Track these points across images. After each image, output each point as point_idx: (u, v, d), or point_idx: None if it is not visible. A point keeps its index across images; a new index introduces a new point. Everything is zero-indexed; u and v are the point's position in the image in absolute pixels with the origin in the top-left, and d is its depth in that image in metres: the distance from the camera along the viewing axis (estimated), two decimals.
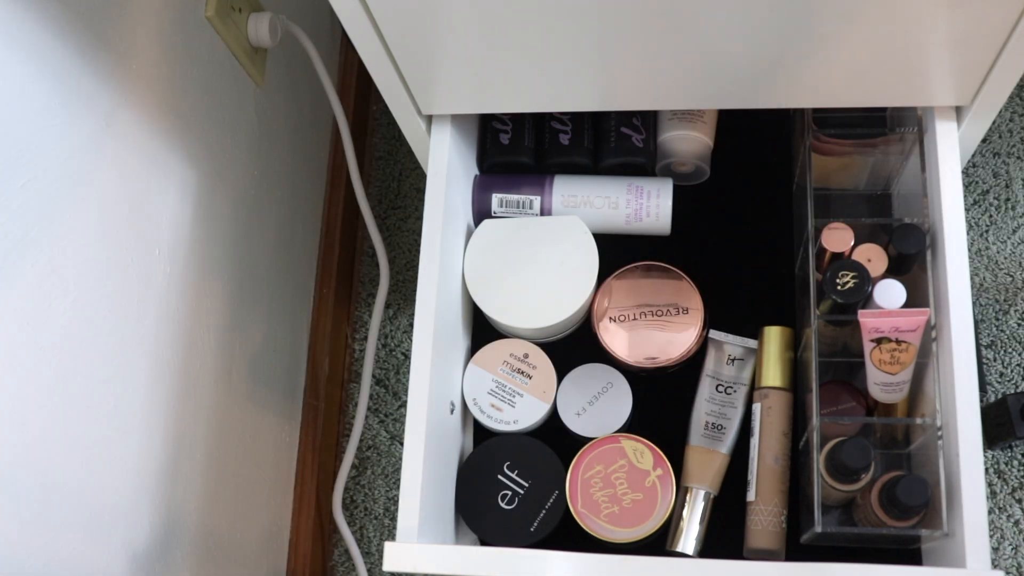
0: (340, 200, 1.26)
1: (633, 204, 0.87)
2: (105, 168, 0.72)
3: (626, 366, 0.85)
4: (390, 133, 1.34)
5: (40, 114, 0.64)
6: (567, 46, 0.67)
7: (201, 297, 0.89)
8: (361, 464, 1.22)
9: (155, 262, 0.81)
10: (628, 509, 0.79)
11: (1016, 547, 1.06)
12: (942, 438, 0.72)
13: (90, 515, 0.73)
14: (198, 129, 0.86)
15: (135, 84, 0.75)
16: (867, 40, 0.65)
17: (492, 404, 0.84)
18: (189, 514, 0.89)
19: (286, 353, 1.13)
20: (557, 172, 0.90)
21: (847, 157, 0.85)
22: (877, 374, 0.76)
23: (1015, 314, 1.14)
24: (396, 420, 1.23)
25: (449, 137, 0.81)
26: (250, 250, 1.00)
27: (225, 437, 0.96)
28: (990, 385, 1.12)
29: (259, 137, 1.00)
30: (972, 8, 0.61)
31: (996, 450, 1.09)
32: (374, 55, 0.69)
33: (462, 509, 0.81)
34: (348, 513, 1.21)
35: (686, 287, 0.85)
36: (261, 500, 1.06)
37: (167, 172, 0.82)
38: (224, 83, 0.91)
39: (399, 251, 1.29)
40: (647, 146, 0.89)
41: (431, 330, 0.76)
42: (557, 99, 0.75)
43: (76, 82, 0.68)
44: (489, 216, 0.89)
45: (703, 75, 0.70)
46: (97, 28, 0.70)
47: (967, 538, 0.67)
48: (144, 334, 0.79)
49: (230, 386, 0.97)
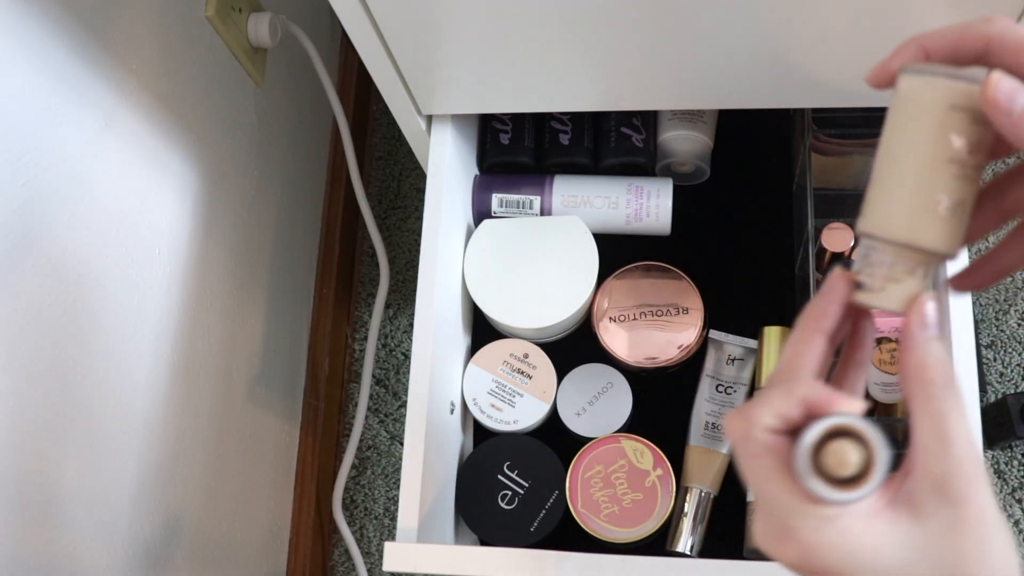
0: (340, 200, 1.26)
1: (633, 204, 0.87)
2: (105, 168, 0.72)
3: (626, 366, 0.85)
4: (390, 133, 1.34)
5: (40, 114, 0.64)
6: (567, 46, 0.68)
7: (201, 297, 0.89)
8: (361, 464, 1.22)
9: (155, 262, 0.81)
10: (628, 509, 0.79)
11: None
12: None
13: (90, 515, 0.73)
14: (198, 129, 0.86)
15: (135, 84, 0.75)
16: (867, 39, 0.65)
17: (492, 404, 0.84)
18: (189, 514, 0.89)
19: (286, 353, 1.13)
20: (557, 172, 0.90)
21: (847, 157, 0.85)
22: (877, 374, 0.76)
23: (1015, 314, 1.14)
24: (396, 420, 1.23)
25: (449, 137, 0.81)
26: (250, 250, 1.00)
27: (225, 437, 0.96)
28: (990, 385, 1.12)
29: (259, 137, 1.00)
30: (972, 8, 0.61)
31: (996, 450, 1.09)
32: (374, 55, 0.69)
33: (462, 509, 0.81)
34: (348, 513, 1.21)
35: (686, 287, 0.85)
36: (261, 500, 1.06)
37: (167, 172, 0.82)
38: (224, 83, 0.91)
39: (399, 251, 1.29)
40: (647, 146, 0.89)
41: (431, 330, 0.76)
42: (557, 99, 0.75)
43: (76, 82, 0.68)
44: (489, 216, 0.89)
45: (703, 75, 0.70)
46: (97, 28, 0.70)
47: None
48: (144, 334, 0.79)
49: (230, 386, 0.97)
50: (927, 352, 0.39)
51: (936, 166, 0.39)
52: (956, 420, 0.38)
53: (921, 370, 0.39)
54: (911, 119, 0.40)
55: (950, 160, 0.39)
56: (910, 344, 0.39)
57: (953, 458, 0.37)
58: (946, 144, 0.39)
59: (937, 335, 0.39)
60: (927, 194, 0.39)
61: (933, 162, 0.39)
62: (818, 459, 0.39)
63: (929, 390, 0.38)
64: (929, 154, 0.39)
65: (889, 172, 0.40)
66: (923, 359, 0.39)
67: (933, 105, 0.39)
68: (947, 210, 0.39)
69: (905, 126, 0.40)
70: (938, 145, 0.39)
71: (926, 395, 0.38)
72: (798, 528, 0.39)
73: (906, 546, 0.38)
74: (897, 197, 0.40)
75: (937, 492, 0.38)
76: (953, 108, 0.39)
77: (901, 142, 0.40)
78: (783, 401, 0.40)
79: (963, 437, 0.38)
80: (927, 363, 0.39)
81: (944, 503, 0.37)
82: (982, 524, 0.37)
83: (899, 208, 0.40)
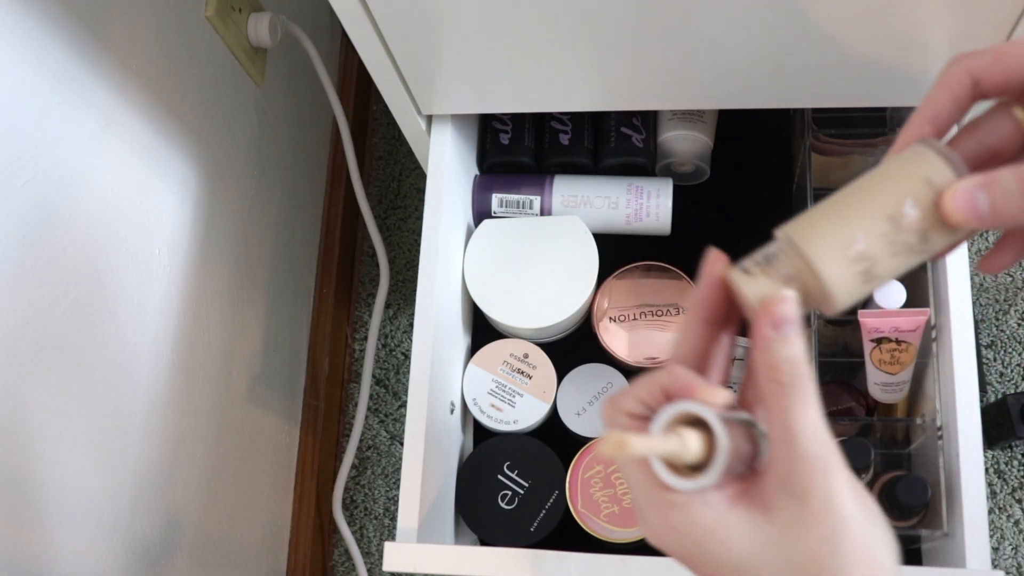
0: (340, 200, 1.26)
1: (633, 204, 0.87)
2: (105, 168, 0.72)
3: (626, 366, 0.85)
4: (390, 133, 1.34)
5: (40, 114, 0.64)
6: (567, 46, 0.68)
7: (201, 297, 0.89)
8: (361, 464, 1.22)
9: (155, 262, 0.81)
10: (628, 509, 0.79)
11: (1016, 547, 1.06)
12: (942, 438, 0.72)
13: (90, 515, 0.73)
14: (198, 129, 0.86)
15: (135, 84, 0.75)
16: (867, 40, 0.65)
17: (492, 404, 0.84)
18: (189, 513, 0.89)
19: (286, 353, 1.13)
20: (557, 172, 0.90)
21: (847, 157, 0.85)
22: (877, 374, 0.76)
23: (1015, 314, 1.14)
24: (396, 420, 1.23)
25: (449, 137, 0.81)
26: (250, 250, 1.00)
27: (225, 437, 0.96)
28: (990, 385, 1.12)
29: (259, 137, 1.00)
30: (972, 8, 0.61)
31: (996, 450, 1.09)
32: (374, 55, 0.69)
33: (462, 509, 0.81)
34: (348, 513, 1.21)
35: (686, 287, 0.85)
36: (261, 500, 1.07)
37: (167, 172, 0.82)
38: (224, 83, 0.91)
39: (399, 251, 1.29)
40: (647, 146, 0.89)
41: (431, 330, 0.76)
42: (557, 99, 0.75)
43: (76, 82, 0.68)
44: (489, 216, 0.89)
45: (703, 75, 0.70)
46: (97, 28, 0.70)
47: (967, 538, 0.67)
48: (144, 333, 0.79)
49: (230, 386, 0.97)
50: (773, 352, 0.39)
51: (874, 213, 0.40)
52: (800, 416, 0.38)
53: (767, 369, 0.39)
54: (893, 169, 0.40)
55: (890, 217, 0.39)
56: (760, 343, 0.39)
57: (796, 454, 0.38)
58: (897, 203, 0.39)
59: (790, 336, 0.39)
60: (849, 231, 0.40)
61: (875, 209, 0.40)
62: None
63: (775, 388, 0.38)
64: (877, 201, 0.40)
65: (838, 198, 0.41)
66: (770, 359, 0.39)
67: (915, 168, 0.40)
68: (856, 255, 0.39)
69: (883, 173, 0.41)
70: (890, 198, 0.39)
71: (772, 393, 0.39)
72: (648, 511, 0.40)
73: (757, 541, 0.38)
74: (826, 217, 0.41)
75: (783, 488, 0.38)
76: (927, 182, 0.39)
77: (868, 182, 0.40)
78: (644, 387, 0.41)
79: (807, 433, 0.38)
80: (772, 362, 0.39)
81: (790, 498, 0.38)
82: (829, 517, 0.37)
83: (820, 225, 0.40)
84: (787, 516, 0.38)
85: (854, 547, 0.37)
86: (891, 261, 0.40)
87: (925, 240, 0.40)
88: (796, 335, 0.39)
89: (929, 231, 0.39)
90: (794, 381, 0.38)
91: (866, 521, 0.38)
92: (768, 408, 0.39)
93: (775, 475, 0.38)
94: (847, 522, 0.37)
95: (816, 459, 0.37)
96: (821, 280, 0.40)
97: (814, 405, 0.38)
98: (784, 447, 0.38)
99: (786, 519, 0.38)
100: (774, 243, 0.42)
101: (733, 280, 0.41)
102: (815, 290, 0.40)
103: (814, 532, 0.37)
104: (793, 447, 0.38)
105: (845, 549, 0.37)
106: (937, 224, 0.39)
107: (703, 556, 0.39)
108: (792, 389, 0.38)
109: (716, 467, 0.39)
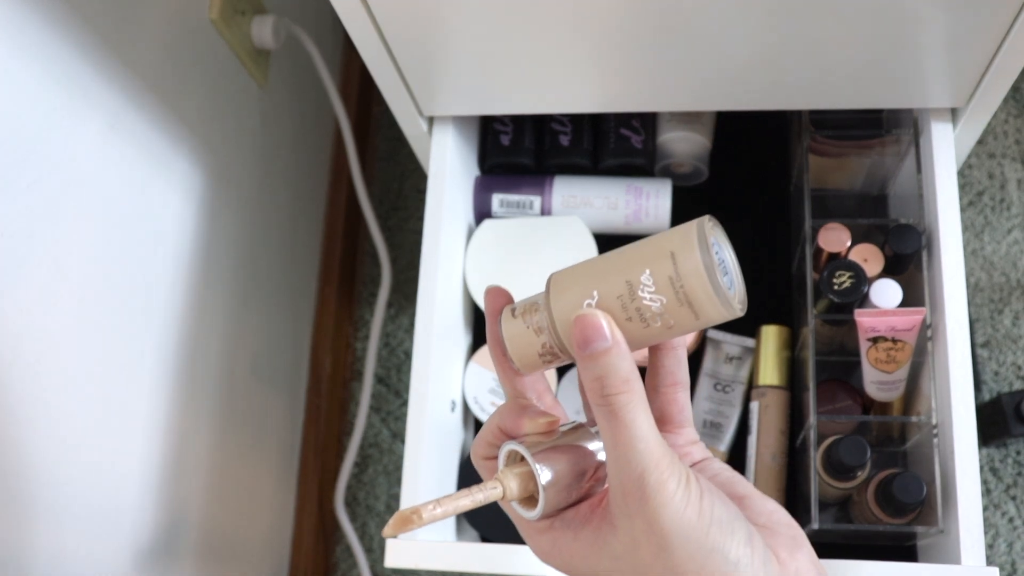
0: (342, 200, 1.26)
1: (632, 204, 0.88)
2: (110, 169, 0.73)
3: None
4: (392, 134, 1.34)
5: (46, 115, 0.65)
6: (567, 49, 0.68)
7: (205, 296, 0.89)
8: (363, 462, 1.23)
9: (159, 262, 0.81)
10: None
11: (1011, 544, 1.07)
12: (938, 436, 0.72)
13: (95, 513, 0.73)
14: (202, 130, 0.87)
15: (140, 86, 0.76)
16: (864, 42, 0.66)
17: (493, 402, 0.84)
18: (193, 512, 0.90)
19: (288, 352, 1.13)
20: (557, 173, 0.91)
21: (844, 158, 0.85)
22: (873, 373, 0.77)
23: (1010, 313, 1.14)
24: (398, 418, 1.24)
25: (450, 138, 0.82)
26: (253, 250, 1.01)
27: (228, 435, 0.97)
28: (985, 384, 1.12)
29: (262, 138, 1.01)
30: (968, 10, 0.62)
31: (991, 448, 1.10)
32: (376, 57, 0.70)
33: None
34: (350, 510, 1.21)
35: None
36: (264, 497, 1.07)
37: (171, 173, 0.82)
38: (228, 85, 0.92)
39: (400, 251, 1.30)
40: (646, 147, 0.90)
41: (432, 329, 0.77)
42: (557, 101, 0.76)
43: (81, 84, 0.68)
44: (489, 216, 0.90)
45: (702, 77, 0.71)
46: (102, 30, 0.70)
47: (962, 535, 0.67)
48: (148, 333, 0.80)
49: (233, 384, 0.98)
50: (587, 371, 0.39)
51: (617, 272, 0.39)
52: (621, 436, 0.38)
53: (587, 392, 0.39)
54: (658, 238, 0.40)
55: (628, 282, 0.39)
56: (579, 364, 0.39)
57: (623, 475, 0.38)
58: (638, 271, 0.39)
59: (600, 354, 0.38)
60: (589, 286, 0.40)
61: (617, 269, 0.39)
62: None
63: (597, 410, 0.39)
64: (623, 263, 0.39)
65: (608, 254, 0.41)
66: (585, 380, 0.39)
67: (668, 244, 0.39)
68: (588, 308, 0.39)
69: (652, 238, 0.40)
70: (634, 265, 0.39)
71: (597, 415, 0.39)
72: (526, 537, 0.43)
73: (607, 555, 0.40)
74: (585, 270, 0.41)
75: (617, 508, 0.39)
76: (672, 258, 0.39)
77: (635, 245, 0.40)
78: (488, 430, 0.44)
79: (631, 454, 0.38)
80: (588, 383, 0.39)
81: (623, 517, 0.38)
82: (654, 536, 0.37)
83: (576, 275, 0.41)
84: (624, 533, 0.39)
85: (691, 555, 0.37)
86: (625, 326, 0.39)
87: (660, 314, 0.39)
88: (607, 352, 0.38)
89: (667, 306, 0.39)
90: (610, 400, 0.38)
91: (709, 527, 0.37)
92: (600, 428, 0.39)
93: (612, 494, 0.39)
94: (671, 539, 0.37)
95: (640, 480, 0.37)
96: (553, 335, 0.40)
97: (639, 419, 0.38)
98: (612, 468, 0.39)
99: (624, 536, 0.39)
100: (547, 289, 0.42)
101: (503, 317, 0.42)
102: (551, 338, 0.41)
103: (645, 549, 0.38)
104: (619, 468, 0.38)
105: (676, 561, 0.37)
106: (674, 301, 0.38)
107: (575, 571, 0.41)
108: (609, 409, 0.38)
109: (540, 500, 0.41)
